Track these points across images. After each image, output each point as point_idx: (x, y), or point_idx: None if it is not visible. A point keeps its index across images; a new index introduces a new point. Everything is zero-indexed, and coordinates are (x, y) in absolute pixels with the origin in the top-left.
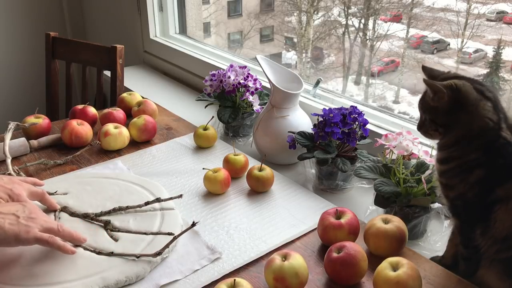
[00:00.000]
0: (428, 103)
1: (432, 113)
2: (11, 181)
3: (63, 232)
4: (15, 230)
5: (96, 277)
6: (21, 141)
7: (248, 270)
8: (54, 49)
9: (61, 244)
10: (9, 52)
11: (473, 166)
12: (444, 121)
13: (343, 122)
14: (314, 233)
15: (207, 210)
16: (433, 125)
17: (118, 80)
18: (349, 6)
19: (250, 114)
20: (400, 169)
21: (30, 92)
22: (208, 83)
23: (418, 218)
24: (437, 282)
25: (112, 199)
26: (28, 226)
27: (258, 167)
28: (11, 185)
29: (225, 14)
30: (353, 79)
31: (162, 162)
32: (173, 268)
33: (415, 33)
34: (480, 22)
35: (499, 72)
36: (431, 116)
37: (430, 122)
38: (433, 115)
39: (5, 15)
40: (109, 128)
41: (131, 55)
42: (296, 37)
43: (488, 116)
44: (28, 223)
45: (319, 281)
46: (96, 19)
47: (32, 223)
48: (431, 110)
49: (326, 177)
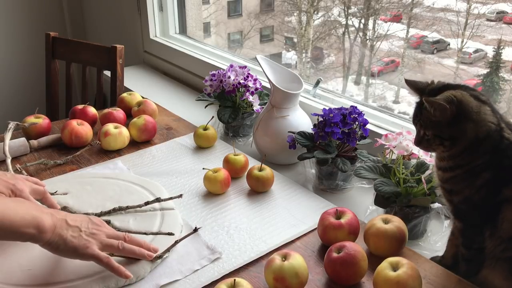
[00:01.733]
0: (429, 119)
1: (435, 128)
2: (14, 177)
3: (123, 249)
4: (75, 243)
5: (96, 277)
6: (21, 141)
7: (248, 270)
8: (54, 49)
9: (116, 267)
10: (9, 52)
11: (480, 170)
12: (449, 134)
13: (343, 122)
14: (314, 233)
15: (207, 210)
16: (438, 139)
17: (118, 80)
18: (349, 6)
19: (250, 114)
20: (400, 169)
21: (30, 92)
22: (208, 83)
23: (418, 218)
24: (437, 282)
25: (112, 199)
26: (88, 241)
27: (258, 167)
28: (14, 180)
29: (225, 14)
30: (353, 79)
31: (162, 162)
32: (173, 268)
33: (415, 33)
34: (480, 22)
35: (499, 72)
36: (434, 131)
37: (434, 137)
38: (437, 130)
39: (5, 15)
40: (109, 128)
41: (131, 55)
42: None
43: (490, 120)
44: (89, 239)
45: (319, 281)
46: (96, 19)
47: (92, 239)
48: (433, 126)
49: (326, 177)
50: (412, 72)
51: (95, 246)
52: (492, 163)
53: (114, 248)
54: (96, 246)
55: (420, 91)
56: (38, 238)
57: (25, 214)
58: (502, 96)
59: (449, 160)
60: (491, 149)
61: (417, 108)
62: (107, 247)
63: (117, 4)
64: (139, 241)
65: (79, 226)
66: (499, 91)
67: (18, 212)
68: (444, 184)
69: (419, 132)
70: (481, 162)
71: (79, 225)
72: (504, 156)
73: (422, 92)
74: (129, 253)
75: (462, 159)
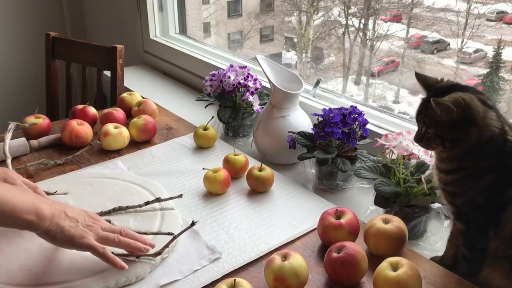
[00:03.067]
0: (434, 118)
1: (438, 128)
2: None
3: (119, 242)
4: (72, 232)
5: (96, 277)
6: (21, 141)
7: (248, 270)
8: (54, 49)
9: (111, 257)
10: (9, 52)
11: (484, 172)
12: (452, 135)
13: (343, 122)
14: (314, 233)
15: (207, 210)
16: (439, 139)
17: (118, 80)
18: (349, 6)
19: (250, 114)
20: (400, 169)
21: (30, 92)
22: (208, 83)
23: (418, 218)
24: (437, 282)
25: (112, 199)
26: (84, 232)
27: (258, 167)
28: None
29: (225, 14)
30: (353, 79)
31: (162, 162)
32: (173, 268)
33: (415, 33)
34: (480, 22)
35: (499, 72)
36: (437, 131)
37: (435, 136)
38: (440, 130)
39: (5, 15)
40: (109, 128)
41: (131, 55)
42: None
43: (494, 124)
44: (85, 229)
45: (319, 281)
46: (96, 19)
47: (89, 230)
48: (437, 125)
49: (326, 177)
50: (412, 72)
51: (91, 237)
52: (496, 165)
53: (110, 240)
54: (92, 237)
55: (429, 87)
56: (37, 225)
57: (27, 200)
58: (502, 96)
59: (451, 162)
60: (495, 152)
61: (423, 105)
62: (103, 239)
63: (117, 4)
64: (136, 235)
65: (76, 218)
66: (499, 91)
67: (20, 198)
68: (446, 186)
69: (421, 129)
70: (486, 165)
71: (77, 217)
72: (509, 158)
73: (430, 89)
74: (125, 246)
75: (465, 161)
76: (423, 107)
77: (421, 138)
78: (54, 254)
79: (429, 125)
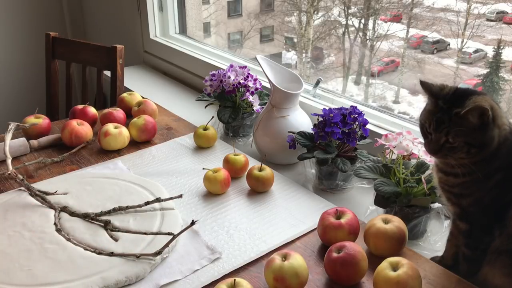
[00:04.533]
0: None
1: (468, 136)
2: None
3: None
4: None
5: (96, 277)
6: (21, 141)
7: (248, 270)
8: (54, 49)
9: None
10: (9, 52)
11: (495, 172)
12: (480, 140)
13: (343, 122)
14: (314, 233)
15: (207, 210)
16: (466, 147)
17: (118, 80)
18: (349, 6)
19: (250, 114)
20: (400, 169)
21: (30, 92)
22: (208, 83)
23: (418, 218)
24: (437, 282)
25: (112, 199)
26: None
27: (258, 167)
28: None
29: (225, 14)
30: (353, 79)
31: (162, 162)
32: (173, 268)
33: (415, 33)
34: (480, 22)
35: (499, 72)
36: (466, 139)
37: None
38: (470, 137)
39: (5, 15)
40: (109, 128)
41: (131, 55)
42: (296, 37)
43: (505, 122)
44: None
45: (319, 281)
46: (96, 19)
47: None
48: (466, 133)
49: (326, 177)
50: (412, 72)
51: None
52: (505, 164)
53: None
54: None
55: (435, 95)
56: None
57: None
58: (502, 96)
59: (467, 166)
60: (506, 151)
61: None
62: None
63: (117, 4)
64: None
65: None
66: (499, 91)
67: None
68: (452, 189)
69: (439, 140)
70: (497, 165)
71: None
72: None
73: (436, 97)
74: None
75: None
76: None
77: (439, 149)
78: (54, 254)
79: (457, 134)
